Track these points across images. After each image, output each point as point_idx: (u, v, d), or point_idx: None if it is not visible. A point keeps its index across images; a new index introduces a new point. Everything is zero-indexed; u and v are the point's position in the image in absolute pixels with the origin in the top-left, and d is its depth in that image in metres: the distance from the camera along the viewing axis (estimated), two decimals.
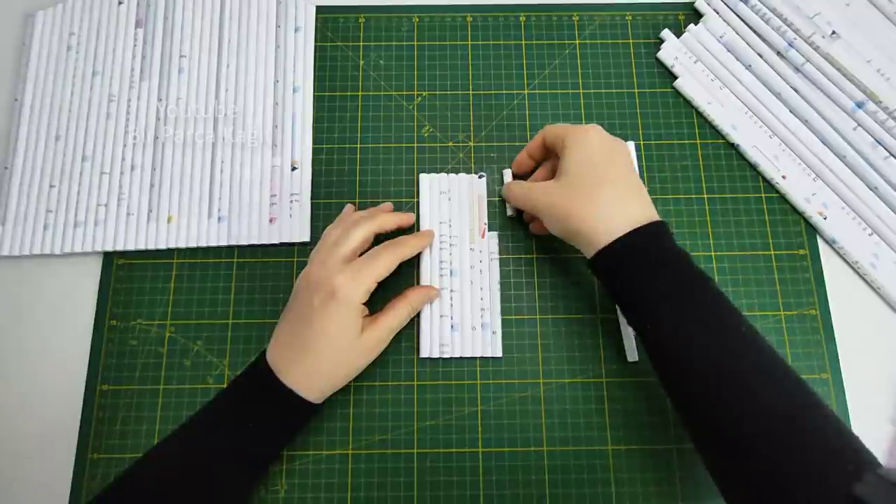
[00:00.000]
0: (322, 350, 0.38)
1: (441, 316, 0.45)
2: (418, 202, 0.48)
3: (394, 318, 0.41)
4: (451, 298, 0.45)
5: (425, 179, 0.48)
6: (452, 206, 0.47)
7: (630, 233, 0.36)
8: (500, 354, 0.44)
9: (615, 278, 0.37)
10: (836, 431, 0.32)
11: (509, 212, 0.47)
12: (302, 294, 0.40)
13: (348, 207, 0.46)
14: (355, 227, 0.41)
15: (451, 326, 0.44)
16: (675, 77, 0.51)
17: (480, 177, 0.48)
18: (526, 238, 0.47)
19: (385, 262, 0.41)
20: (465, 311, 0.45)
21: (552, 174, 0.44)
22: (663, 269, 0.36)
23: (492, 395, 0.44)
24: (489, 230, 0.47)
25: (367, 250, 0.42)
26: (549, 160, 0.45)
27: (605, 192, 0.38)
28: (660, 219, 0.38)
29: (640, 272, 0.36)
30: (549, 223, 0.41)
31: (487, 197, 0.48)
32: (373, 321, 0.41)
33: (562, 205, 0.39)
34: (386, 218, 0.43)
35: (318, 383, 0.39)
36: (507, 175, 0.48)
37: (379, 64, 0.51)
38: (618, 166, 0.39)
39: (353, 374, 0.40)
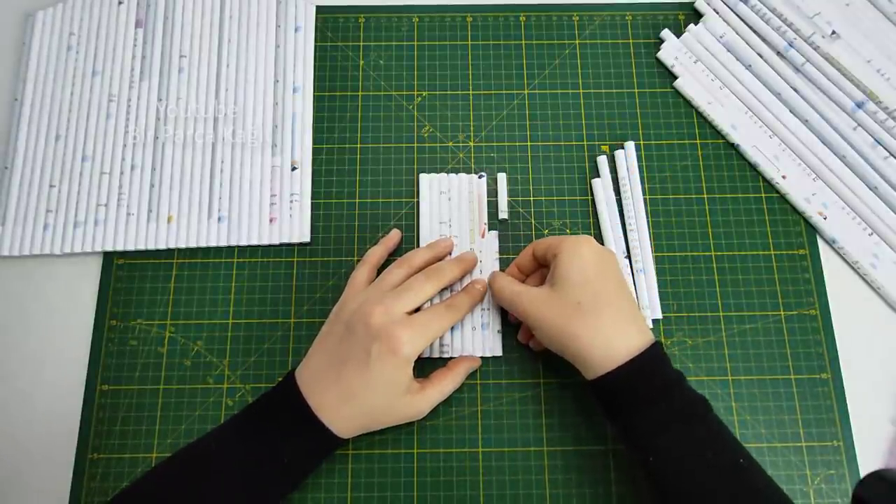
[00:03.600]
0: (369, 400, 0.38)
1: None
2: (418, 202, 0.48)
3: (440, 393, 0.41)
4: None
5: (425, 179, 0.48)
6: (452, 206, 0.47)
7: (630, 361, 0.35)
8: (500, 353, 0.44)
9: (614, 407, 0.36)
10: None
11: (502, 214, 0.47)
12: (358, 336, 0.38)
13: (397, 234, 0.46)
14: (427, 280, 0.41)
15: (452, 327, 0.44)
16: (675, 77, 0.51)
17: (480, 177, 0.48)
18: (526, 238, 0.47)
19: (447, 323, 0.40)
20: None
21: (542, 281, 0.42)
22: (663, 400, 0.35)
23: (492, 395, 0.44)
24: (489, 230, 0.47)
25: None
26: (540, 271, 0.44)
27: (605, 315, 0.37)
28: (655, 339, 0.37)
29: (639, 402, 0.35)
30: (541, 336, 0.39)
31: (487, 197, 0.48)
32: (420, 390, 0.40)
33: (556, 321, 0.37)
34: (453, 272, 0.43)
35: (354, 427, 0.39)
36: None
37: (379, 64, 0.51)
38: (613, 283, 0.38)
39: (386, 426, 0.41)
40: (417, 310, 0.41)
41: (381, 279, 0.41)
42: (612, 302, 0.37)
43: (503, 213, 0.47)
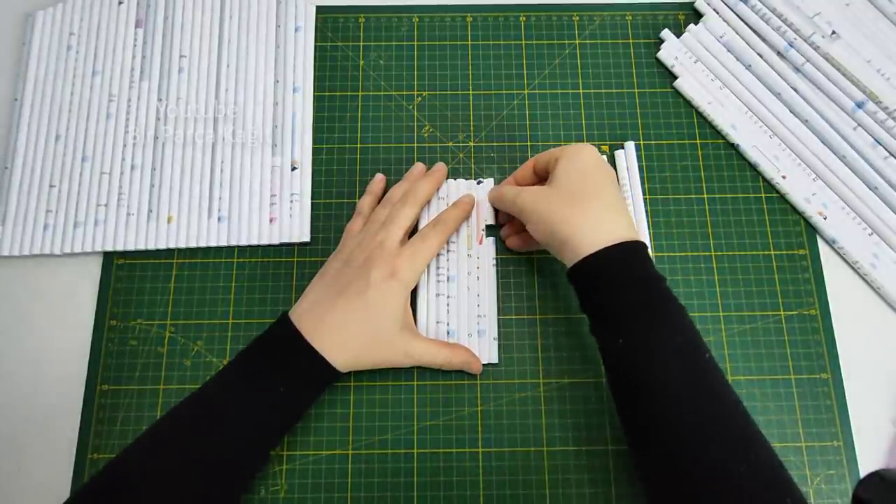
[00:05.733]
0: (365, 327, 0.40)
1: (437, 322, 0.44)
2: None
3: (430, 352, 0.42)
4: (448, 305, 0.45)
5: None
6: None
7: (611, 246, 0.37)
8: (496, 361, 0.44)
9: (591, 290, 0.37)
10: (776, 465, 0.33)
11: (489, 220, 0.47)
12: (356, 268, 0.41)
13: (381, 178, 0.48)
14: (403, 206, 0.43)
15: (448, 333, 0.44)
16: (675, 77, 0.51)
17: (479, 183, 0.48)
18: None
19: (437, 243, 0.43)
20: (461, 318, 0.45)
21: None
22: (641, 287, 0.36)
23: (492, 395, 0.44)
24: (486, 236, 0.47)
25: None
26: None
27: (594, 204, 0.38)
28: (641, 240, 0.38)
29: (615, 285, 0.36)
30: (535, 228, 0.40)
31: (486, 201, 0.48)
32: (414, 335, 0.42)
33: (551, 210, 0.39)
34: (426, 188, 0.45)
35: (347, 355, 0.40)
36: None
37: (379, 64, 0.51)
38: (607, 184, 0.40)
39: (377, 363, 0.41)
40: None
41: (371, 220, 0.44)
42: (603, 195, 0.39)
43: (490, 219, 0.47)
